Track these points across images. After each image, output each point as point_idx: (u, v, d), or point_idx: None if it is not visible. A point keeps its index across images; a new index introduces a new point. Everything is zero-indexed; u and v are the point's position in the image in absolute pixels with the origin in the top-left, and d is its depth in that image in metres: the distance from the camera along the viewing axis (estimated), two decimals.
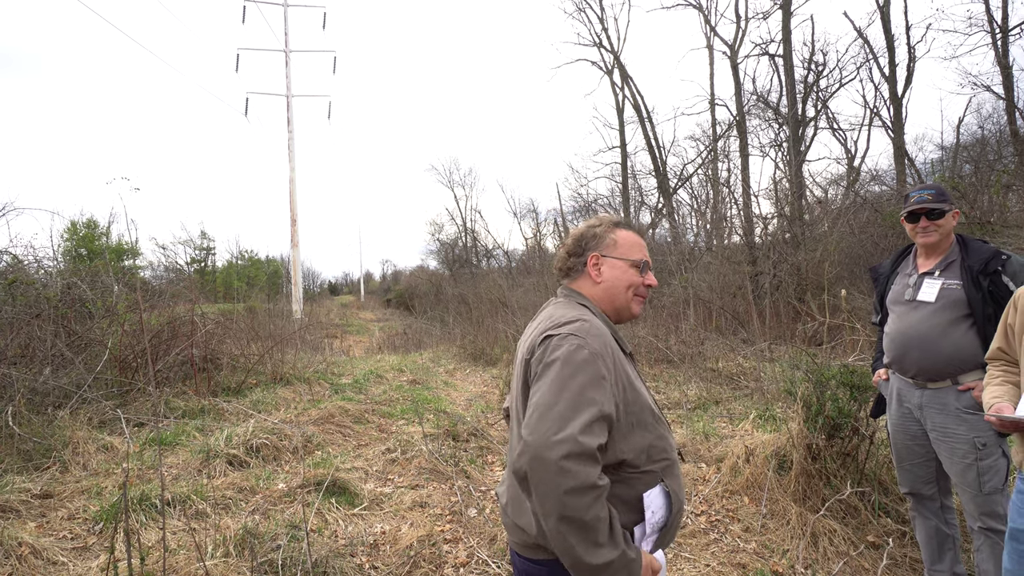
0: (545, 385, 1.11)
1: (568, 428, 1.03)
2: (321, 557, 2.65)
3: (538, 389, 1.12)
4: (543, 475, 1.02)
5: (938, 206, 2.19)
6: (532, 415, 1.08)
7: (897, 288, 2.37)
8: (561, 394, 1.07)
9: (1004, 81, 12.25)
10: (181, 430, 4.55)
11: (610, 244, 1.36)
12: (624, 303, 1.36)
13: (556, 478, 1.01)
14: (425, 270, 35.11)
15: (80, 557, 2.75)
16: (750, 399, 5.60)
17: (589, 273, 1.36)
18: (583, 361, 1.12)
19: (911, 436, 2.33)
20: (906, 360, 2.25)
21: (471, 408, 6.21)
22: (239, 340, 7.56)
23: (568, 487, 1.01)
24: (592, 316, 1.27)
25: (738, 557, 2.84)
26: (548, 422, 1.04)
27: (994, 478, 2.09)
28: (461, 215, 35.05)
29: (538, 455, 1.02)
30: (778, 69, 16.39)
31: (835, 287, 8.73)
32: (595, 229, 1.39)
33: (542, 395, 1.09)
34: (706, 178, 19.39)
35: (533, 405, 1.09)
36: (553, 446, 1.02)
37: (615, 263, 1.35)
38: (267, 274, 37.34)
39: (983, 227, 7.59)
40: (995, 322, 2.04)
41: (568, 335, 1.16)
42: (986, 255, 2.13)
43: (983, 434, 2.09)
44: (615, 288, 1.35)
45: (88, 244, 23.22)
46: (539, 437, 1.03)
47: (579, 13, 20.12)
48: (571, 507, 1.02)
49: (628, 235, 1.39)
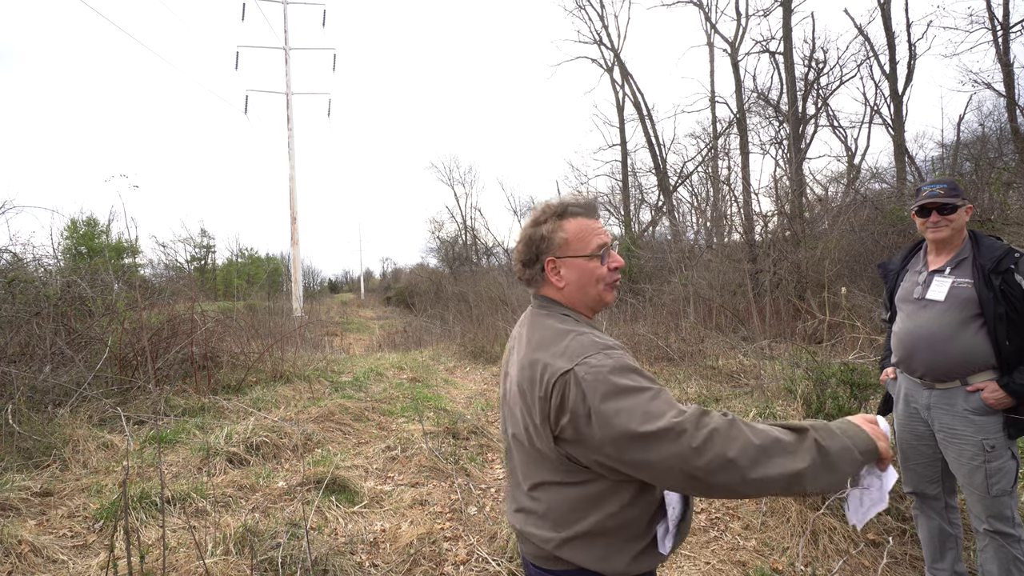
0: (623, 414, 1.03)
1: (682, 420, 1.01)
2: (321, 555, 2.65)
3: (618, 419, 1.04)
4: (714, 468, 0.99)
5: (950, 200, 2.13)
6: (643, 444, 1.01)
7: (906, 286, 2.31)
8: (648, 405, 1.03)
9: (1005, 78, 12.23)
10: (181, 428, 4.55)
11: (561, 243, 1.24)
12: (595, 297, 1.28)
13: (722, 456, 0.99)
14: (425, 268, 35.07)
15: (80, 555, 2.74)
16: (750, 397, 5.60)
17: (550, 279, 1.27)
18: (618, 367, 1.08)
19: (917, 436, 2.30)
20: (914, 360, 2.20)
21: (471, 406, 6.21)
22: (239, 338, 7.56)
23: (730, 450, 0.99)
24: (579, 325, 1.22)
25: (738, 555, 2.84)
26: (669, 439, 1.00)
27: (1002, 480, 2.05)
28: (461, 213, 35.09)
29: (689, 464, 1.00)
30: (778, 66, 16.38)
31: (835, 285, 8.72)
32: (541, 229, 1.26)
33: (636, 424, 1.02)
34: (706, 176, 19.39)
35: (635, 436, 1.02)
36: (691, 452, 0.99)
37: (573, 263, 1.25)
38: (267, 272, 37.29)
39: (983, 225, 7.58)
40: (1006, 322, 2.00)
41: (584, 360, 1.09)
42: (999, 253, 2.07)
43: (992, 436, 2.05)
44: (582, 287, 1.26)
45: (88, 242, 23.22)
46: (678, 455, 1.00)
47: (579, 10, 20.09)
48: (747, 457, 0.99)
49: (578, 224, 1.25)
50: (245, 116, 22.24)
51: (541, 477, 1.20)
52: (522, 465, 1.25)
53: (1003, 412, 2.06)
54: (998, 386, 2.03)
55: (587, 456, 1.10)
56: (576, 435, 1.09)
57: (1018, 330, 2.01)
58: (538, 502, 1.21)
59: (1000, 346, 2.02)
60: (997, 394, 2.03)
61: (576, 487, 1.15)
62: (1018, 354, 2.03)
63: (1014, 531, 2.08)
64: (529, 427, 1.18)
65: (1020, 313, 2.00)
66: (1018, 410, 2.04)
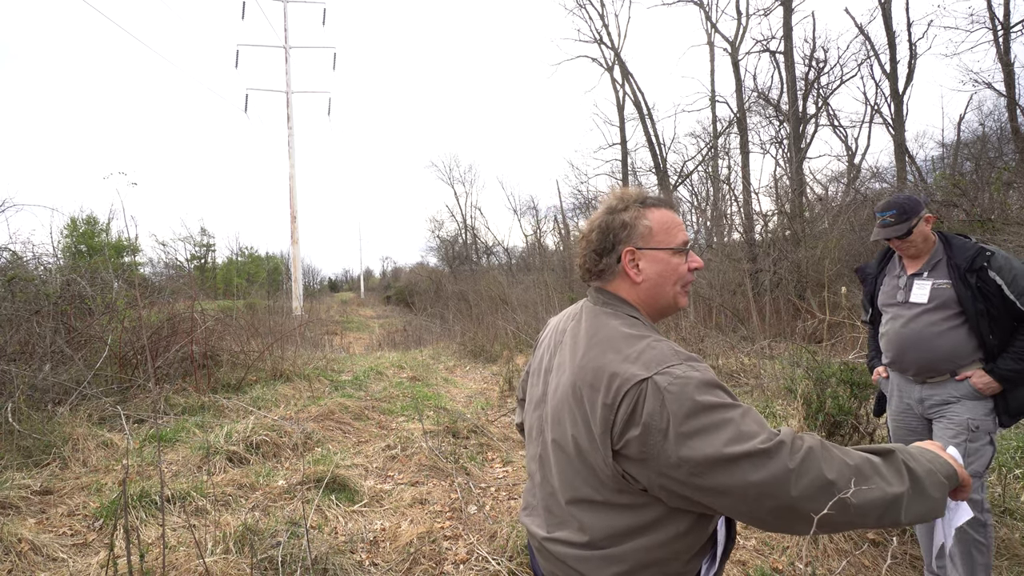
0: (710, 432, 0.91)
1: (777, 441, 0.90)
2: (321, 554, 2.65)
3: (702, 438, 0.91)
4: (812, 493, 0.89)
5: (901, 227, 2.21)
6: (729, 467, 0.89)
7: (887, 290, 2.41)
8: (739, 424, 0.92)
9: (1005, 78, 12.23)
10: (181, 427, 4.54)
11: (644, 233, 1.12)
12: (670, 298, 1.14)
13: (821, 478, 0.89)
14: (425, 267, 35.09)
15: (80, 553, 2.74)
16: (750, 396, 5.60)
17: (626, 272, 1.12)
18: (704, 381, 0.95)
19: (911, 431, 2.38)
20: (905, 360, 2.30)
21: (471, 405, 6.21)
22: (239, 337, 7.56)
23: (829, 471, 0.90)
24: (652, 331, 1.09)
25: (738, 554, 2.84)
26: (761, 461, 0.89)
27: (976, 462, 2.14)
28: (461, 212, 35.08)
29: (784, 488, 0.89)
30: (779, 66, 16.37)
31: (835, 284, 8.72)
32: (622, 216, 1.13)
33: (724, 444, 0.90)
34: (706, 175, 19.38)
35: (721, 458, 0.90)
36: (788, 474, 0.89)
37: (656, 255, 1.12)
38: (267, 271, 37.30)
39: (984, 224, 7.58)
40: (987, 317, 2.10)
41: (666, 370, 0.96)
42: (971, 252, 2.16)
43: (978, 418, 2.14)
44: (661, 285, 1.13)
45: (88, 240, 23.23)
46: (772, 478, 0.89)
47: (580, 9, 20.08)
48: (845, 479, 0.89)
49: (662, 215, 1.14)
50: (245, 115, 22.25)
51: (583, 494, 1.06)
52: (560, 475, 1.12)
53: (992, 398, 2.15)
54: (984, 372, 2.13)
55: (649, 477, 0.97)
56: (643, 452, 0.95)
57: (1000, 324, 2.10)
58: (575, 520, 1.08)
59: (985, 340, 2.12)
60: (985, 379, 2.12)
61: (624, 510, 1.02)
62: (1003, 347, 2.13)
63: (980, 515, 2.16)
64: (580, 436, 1.05)
65: (998, 308, 2.08)
66: (1005, 395, 2.13)
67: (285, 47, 18.76)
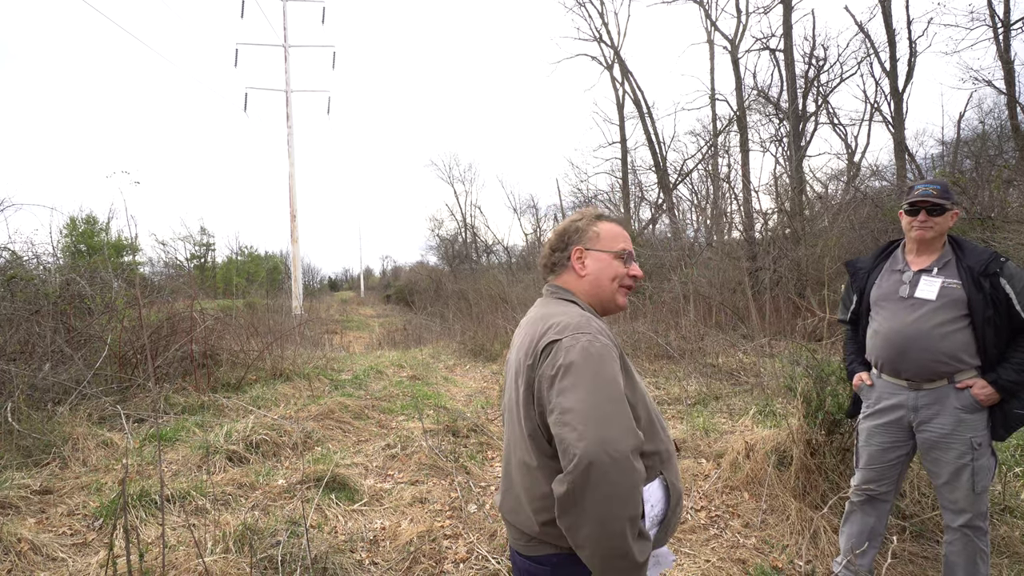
0: (575, 388, 1.08)
1: (622, 424, 1.05)
2: (321, 553, 2.65)
3: (566, 394, 1.09)
4: (616, 476, 1.01)
5: (941, 202, 2.15)
6: (576, 421, 1.05)
7: (887, 285, 2.29)
8: (597, 393, 1.07)
9: (1006, 76, 12.22)
10: (181, 426, 4.54)
11: (592, 237, 1.37)
12: (609, 295, 1.36)
13: (629, 476, 1.02)
14: (425, 266, 35.02)
15: (80, 553, 2.74)
16: (750, 395, 5.60)
17: (573, 267, 1.37)
18: (599, 355, 1.12)
19: (892, 441, 2.27)
20: (903, 360, 2.18)
21: (471, 404, 6.21)
22: (239, 336, 7.55)
23: (636, 482, 1.03)
24: (583, 311, 1.28)
25: (738, 553, 2.84)
26: (600, 424, 1.03)
27: (984, 478, 2.12)
28: (461, 211, 34.99)
29: (604, 459, 1.00)
30: (779, 64, 16.33)
31: (835, 283, 8.71)
32: (577, 223, 1.40)
33: (578, 399, 1.07)
34: (706, 173, 19.34)
35: (572, 411, 1.06)
36: (617, 446, 1.02)
37: (599, 255, 1.36)
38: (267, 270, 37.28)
39: (983, 222, 7.57)
40: (993, 324, 2.06)
41: (575, 334, 1.15)
42: (985, 257, 2.12)
43: (979, 434, 2.11)
44: (600, 280, 1.35)
45: (87, 240, 23.23)
46: (598, 442, 1.01)
47: (579, 8, 20.01)
48: (634, 503, 1.03)
49: (610, 227, 1.40)
50: (245, 114, 22.21)
51: (519, 456, 1.24)
52: (508, 444, 1.31)
53: (987, 409, 2.13)
54: (987, 382, 2.09)
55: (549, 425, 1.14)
56: (541, 400, 1.15)
57: (1000, 333, 2.08)
58: (517, 484, 1.25)
59: (986, 347, 2.09)
60: (987, 390, 2.08)
61: (554, 473, 1.14)
62: (999, 356, 2.11)
63: (984, 524, 2.15)
64: (520, 402, 1.22)
65: (1003, 317, 2.06)
66: (1002, 406, 2.11)
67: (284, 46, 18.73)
